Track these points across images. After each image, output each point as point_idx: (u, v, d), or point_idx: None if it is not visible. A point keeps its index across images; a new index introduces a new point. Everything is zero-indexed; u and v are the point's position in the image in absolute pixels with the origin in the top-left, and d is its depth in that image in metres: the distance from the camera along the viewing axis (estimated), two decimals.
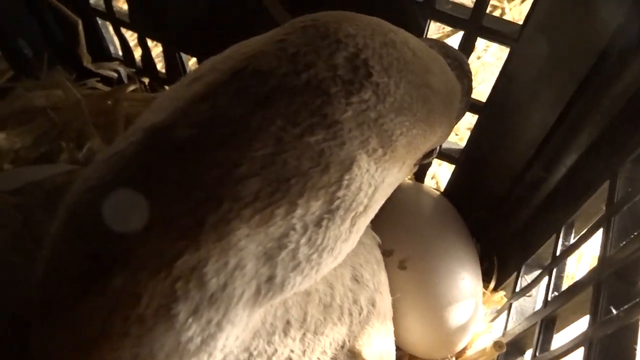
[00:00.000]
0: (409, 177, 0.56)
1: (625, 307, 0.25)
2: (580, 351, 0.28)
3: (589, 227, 0.34)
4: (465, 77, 0.32)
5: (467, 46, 0.40)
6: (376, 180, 0.23)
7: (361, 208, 0.23)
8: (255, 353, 0.27)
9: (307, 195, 0.21)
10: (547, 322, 0.35)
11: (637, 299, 0.25)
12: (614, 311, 0.26)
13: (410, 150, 0.25)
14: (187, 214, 0.19)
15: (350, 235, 0.24)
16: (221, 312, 0.21)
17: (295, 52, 0.22)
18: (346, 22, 0.24)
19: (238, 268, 0.20)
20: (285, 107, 0.21)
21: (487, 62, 0.79)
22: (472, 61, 0.81)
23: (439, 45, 0.32)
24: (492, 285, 0.49)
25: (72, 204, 0.21)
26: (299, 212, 0.21)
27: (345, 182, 0.22)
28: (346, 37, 0.23)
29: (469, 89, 0.33)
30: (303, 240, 0.21)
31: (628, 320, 0.25)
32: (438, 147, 0.31)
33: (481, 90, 0.75)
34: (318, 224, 0.22)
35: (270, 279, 0.21)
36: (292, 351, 0.29)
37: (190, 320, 0.20)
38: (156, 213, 0.19)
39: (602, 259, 0.30)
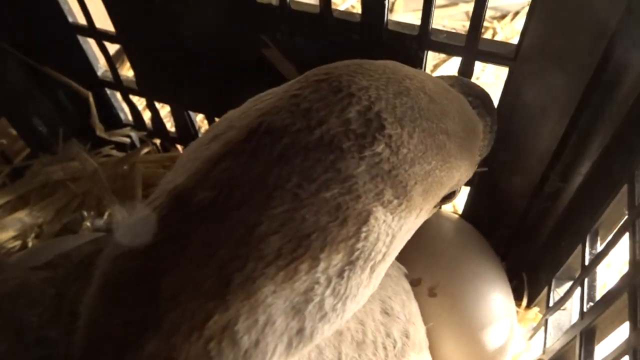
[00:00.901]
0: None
1: None
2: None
3: (614, 232, 0.34)
4: (488, 114, 0.32)
5: (466, 71, 0.41)
6: (393, 230, 0.24)
7: (380, 257, 0.24)
8: None
9: (328, 250, 0.21)
10: (587, 334, 0.34)
11: None
12: None
13: (427, 197, 0.25)
14: (213, 275, 0.20)
15: (370, 282, 0.24)
16: None
17: (308, 108, 0.23)
18: (360, 73, 0.24)
19: (268, 324, 0.21)
20: (300, 164, 0.21)
21: (487, 82, 0.80)
22: (479, 74, 0.82)
23: (460, 83, 0.32)
24: (524, 302, 0.49)
25: (103, 272, 0.22)
26: (322, 266, 0.21)
27: (363, 234, 0.22)
28: (359, 91, 0.23)
29: (492, 125, 0.33)
30: (328, 292, 0.22)
31: None
32: (459, 189, 0.31)
33: None
34: (340, 275, 0.22)
35: (300, 331, 0.22)
36: None
37: None
38: (184, 277, 0.20)
39: (633, 262, 0.30)
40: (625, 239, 0.32)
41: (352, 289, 0.23)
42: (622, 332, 0.30)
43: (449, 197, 0.29)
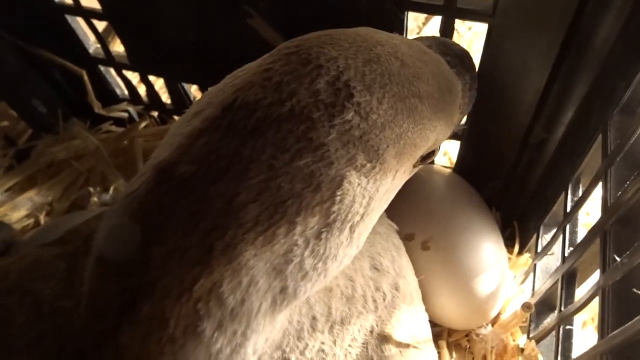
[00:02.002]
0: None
1: (628, 252, 0.27)
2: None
3: (590, 181, 0.35)
4: (467, 72, 0.33)
5: (448, 29, 0.41)
6: (370, 192, 0.25)
7: (357, 217, 0.25)
8: (287, 350, 0.29)
9: (304, 214, 0.23)
10: (568, 277, 0.36)
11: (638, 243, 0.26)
12: (618, 259, 0.27)
13: (401, 159, 0.26)
14: (197, 243, 0.21)
15: (352, 242, 0.26)
16: (244, 324, 0.23)
17: (279, 81, 0.24)
18: (330, 44, 0.25)
19: (252, 284, 0.22)
20: (273, 136, 0.22)
21: (479, 31, 0.80)
22: (464, 33, 0.82)
23: (438, 43, 0.33)
24: (516, 249, 0.51)
25: (99, 244, 0.24)
26: (298, 229, 0.23)
27: (338, 198, 0.23)
28: (328, 62, 0.24)
29: (472, 82, 0.34)
30: (307, 253, 0.23)
31: (632, 265, 0.26)
32: (438, 148, 0.32)
33: (478, 60, 0.76)
34: (318, 237, 0.24)
35: (283, 289, 0.24)
36: (322, 343, 0.31)
37: (216, 334, 0.22)
38: (171, 245, 0.22)
39: (604, 208, 0.31)
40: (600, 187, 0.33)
41: (332, 249, 0.25)
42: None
43: (427, 156, 0.31)
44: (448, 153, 0.70)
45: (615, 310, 0.27)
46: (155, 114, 0.68)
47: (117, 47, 0.64)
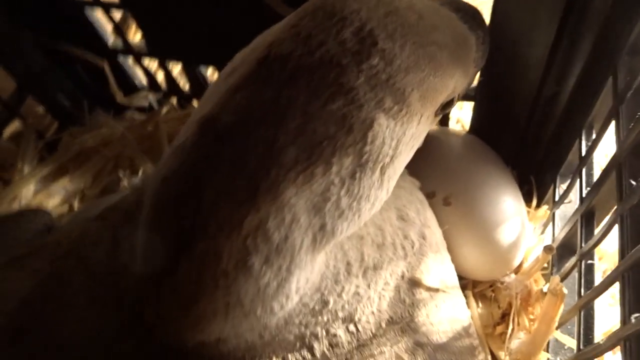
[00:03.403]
0: (435, 125, 0.59)
1: None
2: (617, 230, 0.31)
3: (603, 121, 0.37)
4: (479, 27, 0.35)
5: None
6: (397, 134, 0.27)
7: (387, 159, 0.27)
8: (325, 292, 0.31)
9: (339, 154, 0.25)
10: (587, 216, 0.38)
11: None
12: (633, 182, 0.29)
13: (424, 103, 0.28)
14: (244, 184, 0.24)
15: (382, 184, 0.28)
16: (288, 259, 0.25)
17: (308, 34, 0.25)
18: None
19: (294, 221, 0.25)
20: (306, 83, 0.24)
21: None
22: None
23: (449, 1, 0.35)
24: (534, 202, 0.52)
25: (152, 194, 0.26)
26: (334, 168, 0.25)
27: (369, 139, 0.26)
28: (351, 14, 0.26)
29: (484, 37, 0.36)
30: (342, 192, 0.26)
31: None
32: (457, 96, 0.33)
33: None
34: (352, 176, 0.26)
35: (322, 227, 0.26)
36: (357, 286, 0.33)
37: (264, 268, 0.25)
38: (220, 188, 0.24)
39: (618, 143, 0.33)
40: (613, 126, 0.35)
41: (365, 189, 0.27)
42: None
43: (448, 104, 0.32)
44: (461, 120, 0.72)
45: (634, 234, 0.29)
46: (174, 100, 0.71)
47: (132, 37, 0.66)
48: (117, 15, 0.62)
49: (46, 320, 0.32)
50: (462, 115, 0.71)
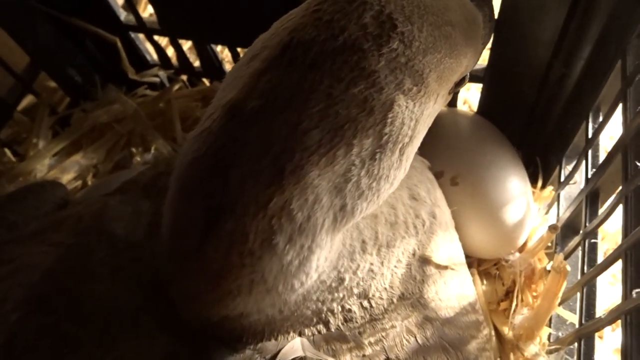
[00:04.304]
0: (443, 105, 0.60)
1: None
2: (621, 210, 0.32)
3: (610, 103, 0.38)
4: (485, 5, 0.35)
5: None
6: (416, 114, 0.28)
7: (407, 139, 0.28)
8: (342, 270, 0.33)
9: (360, 136, 0.26)
10: (592, 196, 0.39)
11: None
12: (639, 164, 0.30)
13: (441, 83, 0.29)
14: (269, 166, 0.25)
15: (401, 164, 0.29)
16: (310, 239, 0.26)
17: (329, 19, 0.26)
18: None
19: (317, 202, 0.26)
20: (329, 67, 0.25)
21: None
22: None
23: None
24: (539, 184, 0.54)
25: (180, 176, 0.27)
26: (355, 150, 0.26)
27: (389, 120, 0.26)
28: None
29: (490, 15, 0.37)
30: (363, 173, 0.27)
31: None
32: (468, 75, 0.34)
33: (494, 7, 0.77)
34: (372, 157, 0.27)
35: (343, 207, 0.27)
36: (372, 264, 0.35)
37: (287, 247, 0.26)
38: (247, 169, 0.25)
39: (625, 124, 0.34)
40: (620, 109, 0.36)
41: (384, 170, 0.28)
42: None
43: (460, 83, 0.33)
44: (468, 101, 0.73)
45: (637, 213, 0.30)
46: (185, 77, 0.71)
47: (143, 12, 0.67)
48: None
49: (69, 292, 0.34)
50: (469, 97, 0.72)
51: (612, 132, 0.47)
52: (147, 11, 0.82)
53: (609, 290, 0.51)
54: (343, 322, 0.33)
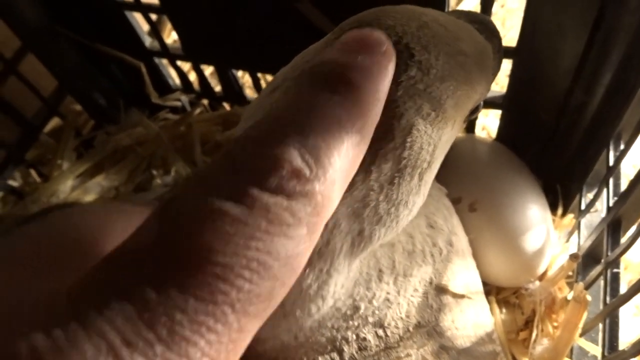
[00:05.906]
0: (462, 132, 0.60)
1: None
2: None
3: (632, 131, 0.37)
4: (493, 36, 0.36)
5: (487, 3, 0.44)
6: (434, 139, 0.28)
7: (425, 164, 0.28)
8: (357, 298, 0.33)
9: (378, 161, 0.26)
10: (613, 225, 0.39)
11: None
12: None
13: (457, 109, 0.29)
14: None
15: (420, 189, 0.29)
16: (328, 263, 0.27)
17: None
18: (384, 16, 0.28)
19: (336, 227, 0.26)
20: None
21: (512, 8, 0.82)
22: (497, 10, 0.84)
23: (464, 14, 0.36)
24: (560, 211, 0.53)
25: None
26: (374, 175, 0.26)
27: (408, 144, 0.26)
28: (387, 29, 0.27)
29: (499, 46, 0.37)
30: (381, 198, 0.27)
31: None
32: (481, 103, 0.34)
33: (512, 36, 0.78)
34: (391, 182, 0.27)
35: (361, 232, 0.27)
36: (388, 293, 0.34)
37: (307, 271, 0.26)
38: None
39: None
40: None
41: (403, 195, 0.28)
42: None
43: (474, 111, 0.34)
44: (487, 127, 0.72)
45: None
46: (206, 101, 0.73)
47: (167, 38, 0.68)
48: (153, 17, 0.64)
49: None
50: (487, 123, 0.72)
51: (634, 160, 0.46)
52: (171, 37, 0.85)
53: (633, 321, 0.50)
54: (357, 351, 0.33)
